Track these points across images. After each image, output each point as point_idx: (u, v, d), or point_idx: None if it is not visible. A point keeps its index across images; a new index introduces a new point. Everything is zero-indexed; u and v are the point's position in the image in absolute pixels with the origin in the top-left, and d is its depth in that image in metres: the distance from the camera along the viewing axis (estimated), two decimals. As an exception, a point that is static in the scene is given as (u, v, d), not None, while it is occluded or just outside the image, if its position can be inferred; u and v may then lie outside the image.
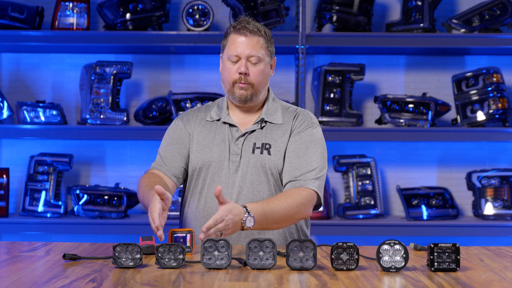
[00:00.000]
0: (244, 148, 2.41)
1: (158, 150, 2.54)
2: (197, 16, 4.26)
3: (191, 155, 2.45)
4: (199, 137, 2.46)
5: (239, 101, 2.41)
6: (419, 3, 4.28)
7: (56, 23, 4.24)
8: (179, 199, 4.20)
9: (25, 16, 4.23)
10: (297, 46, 4.22)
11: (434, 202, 4.26)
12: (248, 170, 2.38)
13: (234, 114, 2.48)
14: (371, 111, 4.50)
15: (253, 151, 2.40)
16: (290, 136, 2.43)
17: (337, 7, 4.26)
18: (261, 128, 2.44)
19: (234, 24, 2.43)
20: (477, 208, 4.28)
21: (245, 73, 2.37)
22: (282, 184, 2.41)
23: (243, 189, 2.37)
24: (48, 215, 4.21)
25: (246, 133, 2.43)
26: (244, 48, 2.38)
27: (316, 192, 2.35)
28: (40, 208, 4.22)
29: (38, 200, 4.24)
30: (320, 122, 4.17)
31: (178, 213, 4.16)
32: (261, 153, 2.39)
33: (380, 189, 4.30)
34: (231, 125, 2.45)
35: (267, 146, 2.40)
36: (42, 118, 4.23)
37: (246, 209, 2.17)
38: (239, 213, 2.14)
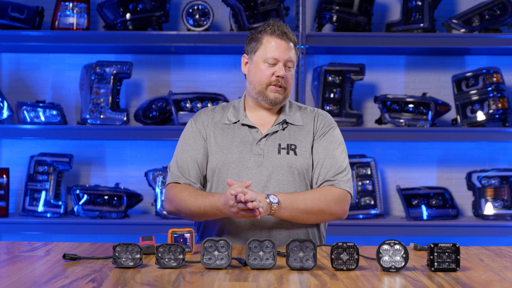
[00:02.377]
0: (268, 148, 2.42)
1: (174, 154, 2.51)
2: (197, 16, 4.26)
3: (210, 156, 2.45)
4: (217, 139, 2.46)
5: (271, 103, 2.44)
6: (419, 3, 4.28)
7: (56, 23, 4.24)
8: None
9: (25, 16, 4.23)
10: (297, 46, 4.21)
11: (434, 202, 4.26)
12: (274, 170, 2.40)
13: (252, 115, 2.49)
14: (371, 111, 4.50)
15: (279, 152, 2.42)
16: (313, 136, 2.47)
17: (337, 7, 4.26)
18: (283, 129, 2.46)
19: (269, 27, 2.45)
20: (477, 208, 4.28)
21: (283, 77, 2.41)
22: (311, 185, 2.45)
23: (268, 188, 2.39)
24: (48, 215, 4.21)
25: (268, 134, 2.44)
26: (283, 53, 2.42)
27: (350, 193, 2.42)
28: (40, 208, 4.22)
29: (38, 200, 4.24)
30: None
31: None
32: (288, 153, 2.42)
33: (380, 189, 4.30)
34: (250, 126, 2.46)
35: (293, 147, 2.44)
36: (42, 118, 4.23)
37: (267, 194, 2.28)
38: (263, 197, 2.24)
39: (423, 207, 4.24)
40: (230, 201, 2.20)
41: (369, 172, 4.29)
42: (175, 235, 2.13)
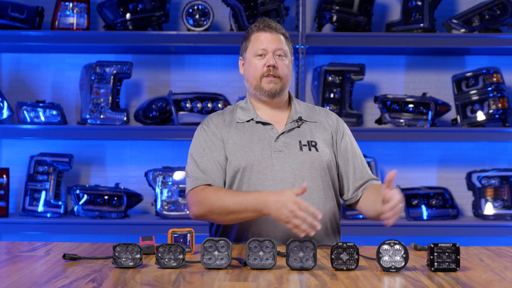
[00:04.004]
0: (288, 145, 2.43)
1: (189, 162, 2.45)
2: (197, 16, 4.26)
3: (229, 157, 2.42)
4: (234, 139, 2.44)
5: (268, 95, 2.45)
6: (419, 3, 4.28)
7: (56, 23, 4.24)
8: (180, 199, 4.19)
9: (25, 16, 4.23)
10: (297, 46, 4.22)
11: (434, 202, 4.26)
12: (298, 167, 2.41)
13: (262, 113, 2.50)
14: (371, 111, 4.50)
15: (301, 149, 2.43)
16: (333, 136, 2.51)
17: (337, 7, 4.26)
18: (299, 126, 2.48)
19: (255, 25, 2.50)
20: (477, 208, 4.28)
21: (273, 66, 2.42)
22: (333, 181, 2.48)
23: (294, 185, 2.39)
24: (48, 215, 4.21)
25: (285, 131, 2.45)
26: (270, 43, 2.45)
27: None
28: (40, 208, 4.22)
29: (38, 200, 4.24)
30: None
31: (179, 213, 4.17)
32: (310, 150, 2.44)
33: (380, 189, 4.29)
34: (264, 123, 2.47)
35: (313, 143, 2.46)
36: (42, 118, 4.23)
37: None
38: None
39: (423, 207, 4.24)
40: (290, 204, 2.13)
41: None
42: (175, 235, 2.13)
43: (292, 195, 2.15)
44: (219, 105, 4.25)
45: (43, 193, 4.24)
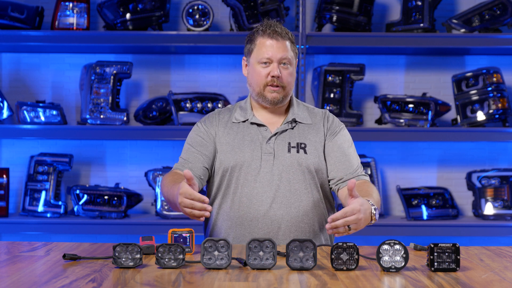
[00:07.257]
0: (278, 147, 2.44)
1: (180, 155, 2.55)
2: (197, 16, 4.26)
3: (219, 155, 2.46)
4: (227, 138, 2.47)
5: (271, 103, 2.45)
6: (419, 3, 4.28)
7: (56, 23, 4.24)
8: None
9: (25, 16, 4.23)
10: (297, 46, 4.21)
11: (434, 202, 4.26)
12: (284, 169, 2.41)
13: (259, 114, 2.51)
14: (371, 111, 4.50)
15: (289, 150, 2.43)
16: (325, 136, 2.49)
17: (337, 7, 4.26)
18: (292, 128, 2.48)
19: (261, 28, 2.46)
20: (477, 208, 4.28)
21: (278, 76, 2.41)
22: (321, 184, 2.45)
23: (280, 187, 2.39)
24: (48, 215, 4.21)
25: (277, 132, 2.46)
26: (276, 52, 2.42)
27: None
28: (40, 208, 4.22)
29: (38, 200, 4.24)
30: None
31: (179, 213, 4.17)
32: (298, 152, 2.43)
33: (380, 189, 4.30)
34: (258, 125, 2.47)
35: (303, 145, 2.45)
36: (42, 118, 4.23)
37: (371, 203, 2.19)
38: (369, 207, 2.16)
39: (423, 207, 4.24)
40: (178, 197, 2.08)
41: (369, 172, 4.28)
42: (175, 235, 2.13)
43: (182, 187, 2.08)
44: (219, 105, 4.25)
45: (43, 193, 4.24)
